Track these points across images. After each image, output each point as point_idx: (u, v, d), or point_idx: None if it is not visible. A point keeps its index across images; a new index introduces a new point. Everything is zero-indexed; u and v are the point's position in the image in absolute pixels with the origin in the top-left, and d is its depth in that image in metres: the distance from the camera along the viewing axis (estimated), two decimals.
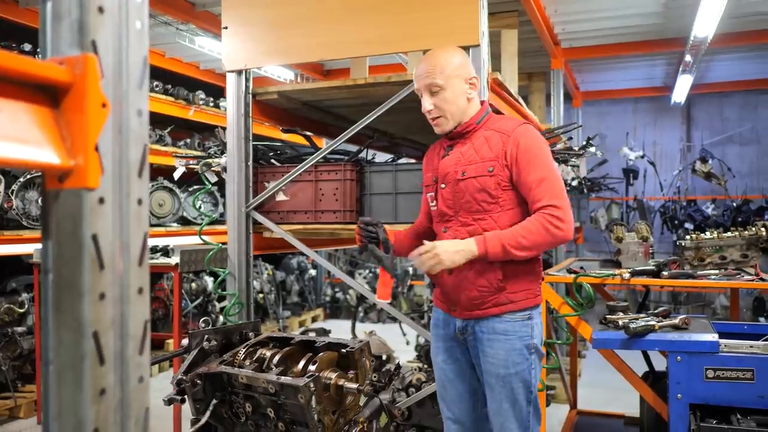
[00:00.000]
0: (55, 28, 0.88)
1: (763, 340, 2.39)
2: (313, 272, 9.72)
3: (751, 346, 2.38)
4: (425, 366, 2.56)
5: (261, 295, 8.06)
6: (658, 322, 2.56)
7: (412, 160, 5.36)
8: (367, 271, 10.10)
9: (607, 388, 5.15)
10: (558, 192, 2.18)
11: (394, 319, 3.72)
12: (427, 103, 2.30)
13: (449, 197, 2.31)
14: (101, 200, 0.88)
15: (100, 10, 0.89)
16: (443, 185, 2.33)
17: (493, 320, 2.26)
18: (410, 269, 9.70)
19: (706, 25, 5.52)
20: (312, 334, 4.11)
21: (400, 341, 6.72)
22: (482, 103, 2.41)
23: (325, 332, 7.11)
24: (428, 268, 2.13)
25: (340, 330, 7.71)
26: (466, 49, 2.98)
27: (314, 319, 9.26)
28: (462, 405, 2.43)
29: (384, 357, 4.28)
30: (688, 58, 6.72)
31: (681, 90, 8.19)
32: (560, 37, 6.62)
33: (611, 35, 6.69)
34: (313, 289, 9.80)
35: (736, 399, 2.36)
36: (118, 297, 0.91)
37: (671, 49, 6.99)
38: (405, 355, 5.89)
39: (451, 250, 2.13)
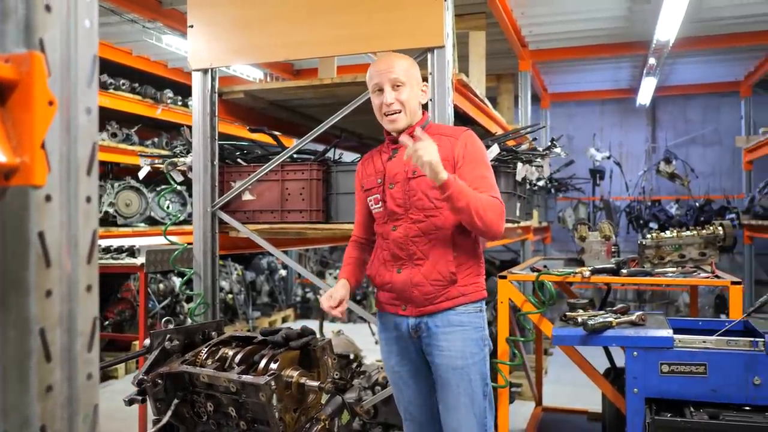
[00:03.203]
0: (1, 26, 0.88)
1: (717, 336, 2.46)
2: (283, 272, 9.69)
3: (704, 341, 2.44)
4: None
5: (230, 296, 8.02)
6: (616, 318, 2.61)
7: None
8: (338, 270, 10.08)
9: (573, 384, 5.23)
10: (498, 191, 2.32)
11: (364, 319, 3.74)
12: (389, 97, 2.32)
13: (399, 196, 2.35)
14: (48, 198, 0.88)
15: (48, 8, 0.89)
16: (391, 185, 2.37)
17: (447, 313, 2.32)
18: None
19: (668, 29, 5.64)
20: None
21: (369, 341, 6.74)
22: (423, 112, 2.49)
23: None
24: (418, 156, 2.06)
25: None
26: (430, 50, 3.02)
27: (285, 320, 9.23)
28: (420, 403, 2.46)
29: (351, 356, 4.30)
30: (651, 61, 6.85)
31: (646, 92, 8.34)
32: (527, 39, 6.70)
33: (577, 38, 6.79)
34: (284, 289, 9.77)
35: (690, 393, 2.42)
36: (65, 294, 0.91)
37: (635, 52, 7.12)
38: (374, 354, 5.90)
39: (437, 157, 2.09)
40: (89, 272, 0.95)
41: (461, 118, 3.56)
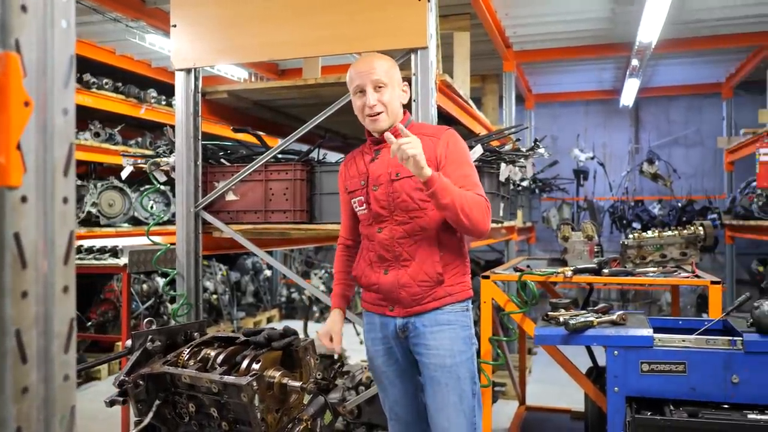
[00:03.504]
0: None
1: (696, 335, 2.49)
2: (268, 273, 9.67)
3: (683, 340, 2.47)
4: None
5: (215, 296, 7.99)
6: (597, 318, 2.63)
7: None
8: (323, 270, 10.09)
9: (556, 384, 5.27)
10: (482, 189, 2.33)
11: (349, 320, 3.74)
12: (372, 98, 2.32)
13: (383, 198, 2.35)
14: (24, 199, 0.88)
15: (23, 8, 0.89)
16: (375, 187, 2.37)
17: (434, 313, 2.33)
18: None
19: (650, 30, 5.70)
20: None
21: (354, 341, 6.74)
22: (405, 113, 2.49)
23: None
24: (403, 151, 2.06)
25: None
26: (414, 50, 3.04)
27: (269, 320, 9.20)
28: (406, 403, 2.46)
29: (335, 356, 4.30)
30: (634, 62, 6.92)
31: (629, 93, 8.41)
32: (512, 40, 6.74)
33: (561, 39, 6.84)
34: (269, 289, 9.75)
35: (670, 391, 2.44)
36: (41, 295, 0.91)
37: (619, 54, 7.18)
38: (358, 354, 5.90)
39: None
40: (66, 273, 0.95)
41: (445, 119, 3.57)
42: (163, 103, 6.91)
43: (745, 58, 7.72)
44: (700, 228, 3.78)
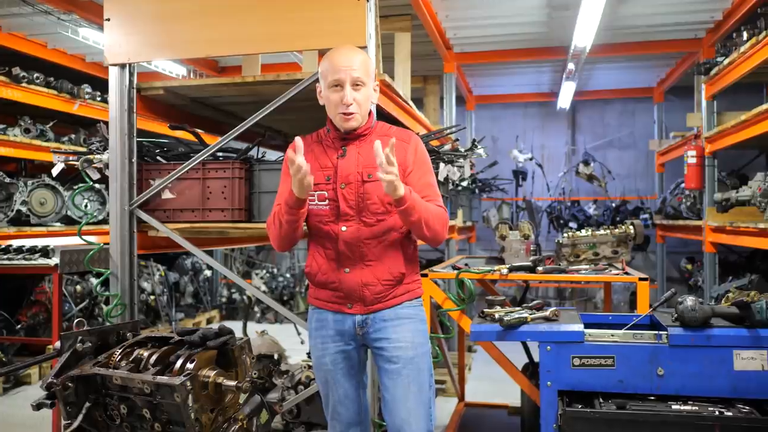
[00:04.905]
0: None
1: (624, 330, 2.58)
2: (208, 273, 9.51)
3: (612, 335, 2.56)
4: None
5: (152, 297, 7.81)
6: (531, 314, 2.70)
7: None
8: (265, 270, 10.00)
9: (495, 380, 5.36)
10: (441, 198, 2.40)
11: (288, 320, 3.74)
12: (349, 97, 2.27)
13: (352, 197, 2.32)
14: None
15: None
16: (343, 185, 2.32)
17: (395, 309, 2.37)
18: None
19: (585, 35, 5.86)
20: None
21: (294, 341, 6.73)
22: (369, 112, 2.44)
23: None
24: (385, 177, 2.06)
25: (235, 331, 7.60)
26: None
27: (210, 321, 9.06)
28: (349, 404, 2.44)
29: (275, 356, 4.27)
30: (570, 66, 7.10)
31: (566, 96, 8.63)
32: (452, 41, 6.83)
33: (500, 42, 6.97)
34: (209, 290, 9.59)
35: (599, 384, 2.53)
36: None
37: (555, 57, 7.36)
38: (298, 354, 5.87)
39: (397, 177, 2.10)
40: None
41: (385, 119, 3.59)
42: (99, 99, 6.72)
43: (674, 64, 8.03)
44: (631, 227, 3.92)
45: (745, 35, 4.98)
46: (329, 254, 2.38)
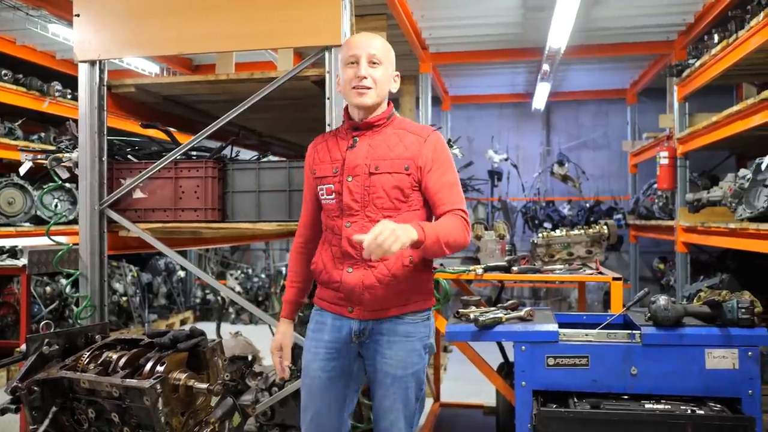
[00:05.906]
0: None
1: (598, 329, 2.59)
2: (182, 273, 9.39)
3: (586, 335, 2.57)
4: (291, 366, 2.51)
5: (125, 299, 7.70)
6: (506, 314, 2.70)
7: (277, 158, 5.33)
8: (239, 271, 9.91)
9: (471, 380, 5.36)
10: (463, 200, 2.27)
11: (263, 321, 3.71)
12: (363, 69, 2.20)
13: (358, 190, 2.21)
14: None
15: None
16: (350, 177, 2.22)
17: (394, 321, 2.26)
18: (283, 269, 9.61)
19: (559, 37, 5.89)
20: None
21: (269, 343, 6.64)
22: (389, 103, 2.36)
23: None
24: (386, 249, 1.90)
25: (209, 332, 7.52)
26: (328, 48, 3.02)
27: (183, 322, 8.95)
28: (330, 416, 2.33)
29: (250, 358, 4.23)
30: (545, 67, 7.14)
31: (540, 97, 8.67)
32: (428, 42, 6.82)
33: (475, 42, 6.98)
34: (182, 291, 9.47)
35: (574, 384, 2.53)
36: None
37: (530, 58, 7.39)
38: None
39: (401, 226, 1.97)
40: None
41: None
42: (69, 96, 6.59)
43: (647, 66, 8.12)
44: (605, 227, 3.95)
45: (716, 38, 5.04)
46: (335, 251, 2.28)
